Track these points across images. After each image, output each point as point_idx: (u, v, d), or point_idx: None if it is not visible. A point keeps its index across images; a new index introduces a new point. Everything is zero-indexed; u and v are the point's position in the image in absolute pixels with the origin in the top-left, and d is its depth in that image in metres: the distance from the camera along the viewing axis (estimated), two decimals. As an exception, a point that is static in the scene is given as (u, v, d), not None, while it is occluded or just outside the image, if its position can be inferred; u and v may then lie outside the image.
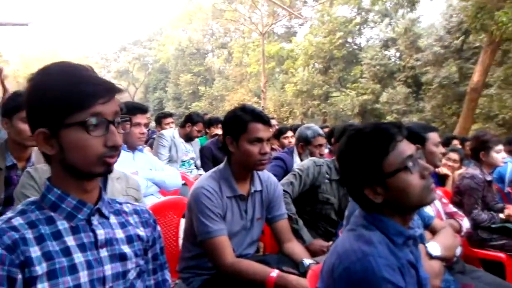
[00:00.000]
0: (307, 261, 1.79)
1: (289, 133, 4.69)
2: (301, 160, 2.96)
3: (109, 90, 0.89)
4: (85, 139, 0.86)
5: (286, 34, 28.69)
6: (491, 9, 10.54)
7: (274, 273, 1.62)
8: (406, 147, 1.14)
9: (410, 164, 1.11)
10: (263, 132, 1.78)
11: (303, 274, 1.65)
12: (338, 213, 2.41)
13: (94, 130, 0.87)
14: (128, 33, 69.22)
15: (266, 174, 2.03)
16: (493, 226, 2.91)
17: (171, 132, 4.34)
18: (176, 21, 35.36)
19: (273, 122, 6.33)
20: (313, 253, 2.06)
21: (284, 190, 2.23)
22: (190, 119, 4.38)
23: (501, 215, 2.98)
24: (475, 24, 11.32)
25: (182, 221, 2.27)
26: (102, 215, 0.96)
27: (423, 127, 2.24)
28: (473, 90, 11.76)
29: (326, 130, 4.18)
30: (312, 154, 2.88)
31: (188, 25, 33.09)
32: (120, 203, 1.06)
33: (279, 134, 4.80)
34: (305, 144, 2.98)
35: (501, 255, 2.80)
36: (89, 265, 0.88)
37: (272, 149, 4.63)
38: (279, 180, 2.39)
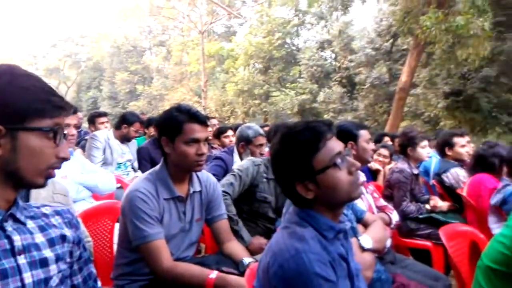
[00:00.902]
0: (247, 260, 1.80)
1: (230, 132, 4.68)
2: (241, 159, 2.96)
3: (70, 105, 0.97)
4: (43, 146, 0.88)
5: (226, 34, 28.69)
6: (416, 14, 11.32)
7: (213, 274, 1.61)
8: (335, 145, 1.18)
9: (338, 161, 1.15)
10: (199, 132, 1.74)
11: (243, 273, 1.64)
12: (275, 211, 2.44)
13: (55, 140, 0.89)
14: (59, 29, 65.04)
15: (205, 175, 2.00)
16: (420, 216, 3.11)
17: (105, 133, 4.13)
18: (110, 17, 33.94)
19: (214, 121, 6.30)
20: (254, 252, 2.07)
21: (224, 191, 2.21)
22: (125, 120, 4.16)
23: (427, 206, 3.20)
24: (402, 28, 12.10)
25: (117, 226, 2.17)
26: (17, 220, 0.91)
27: (355, 125, 2.35)
28: (402, 90, 12.55)
29: (266, 129, 4.22)
30: (252, 154, 2.89)
31: (124, 21, 31.86)
32: (38, 207, 1.01)
33: (219, 133, 4.77)
34: (246, 143, 2.98)
35: (428, 243, 3.00)
36: (4, 274, 0.83)
37: (213, 148, 4.61)
38: (219, 180, 2.38)
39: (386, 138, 5.47)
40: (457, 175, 3.44)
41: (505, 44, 12.46)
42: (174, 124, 1.74)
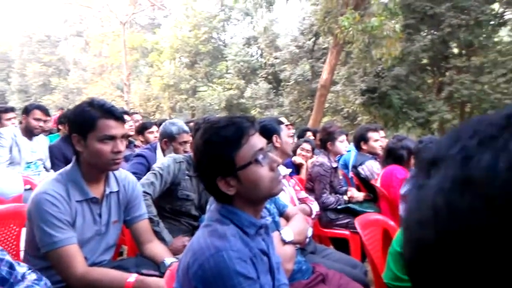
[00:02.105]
0: (168, 260, 1.74)
1: (154, 128, 4.52)
2: (165, 156, 2.86)
3: None
4: None
5: (150, 25, 27.69)
6: (335, 14, 11.90)
7: (132, 278, 1.53)
8: (258, 141, 1.18)
9: (260, 157, 1.16)
10: (115, 129, 1.64)
11: (164, 274, 1.59)
12: (199, 208, 2.40)
13: None
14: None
15: (123, 173, 1.89)
16: (339, 207, 3.29)
17: (11, 129, 3.74)
18: (20, 3, 30.93)
19: (137, 117, 6.04)
20: (176, 252, 2.01)
21: (144, 192, 2.11)
22: (25, 110, 3.76)
23: (345, 197, 3.39)
24: (323, 27, 12.64)
25: (24, 232, 1.98)
26: None
27: (277, 120, 2.40)
28: (323, 87, 13.14)
29: (192, 124, 4.14)
30: (176, 151, 2.80)
31: (36, 8, 29.21)
32: None
33: (143, 129, 4.59)
34: (169, 140, 2.88)
35: (346, 232, 3.18)
36: None
37: (135, 145, 4.41)
38: (141, 178, 2.28)
39: (309, 133, 5.68)
40: (372, 167, 3.68)
41: (413, 45, 13.61)
42: (87, 120, 1.62)
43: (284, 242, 1.66)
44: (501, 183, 0.27)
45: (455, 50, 14.99)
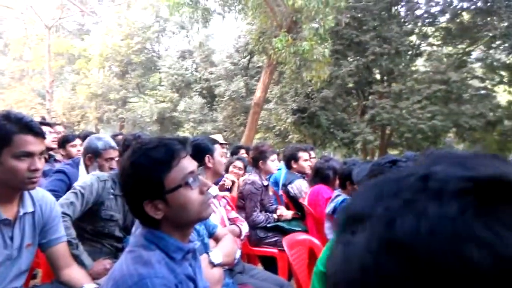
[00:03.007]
0: (88, 286, 1.64)
1: (77, 141, 4.24)
2: (88, 173, 2.69)
3: None
4: None
5: (78, 31, 26.33)
6: (270, 35, 12.30)
7: (46, 308, 1.41)
8: (189, 164, 1.16)
9: (191, 180, 1.14)
10: (33, 145, 1.52)
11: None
12: (123, 229, 2.29)
13: None
14: None
15: (40, 193, 1.75)
16: (268, 225, 3.34)
17: None
18: None
19: (59, 128, 5.64)
20: (97, 276, 1.90)
21: (63, 212, 1.95)
22: None
23: (275, 215, 3.45)
24: (258, 46, 12.98)
25: None
26: None
27: (211, 140, 2.40)
28: (256, 105, 13.41)
29: (120, 137, 3.95)
30: (101, 168, 2.62)
31: None
32: None
33: (64, 142, 4.28)
34: (94, 156, 2.69)
35: (274, 250, 3.23)
36: None
37: (55, 160, 4.11)
38: (61, 196, 2.12)
39: (242, 151, 5.73)
40: (300, 186, 3.81)
41: (341, 70, 14.48)
42: (1, 134, 1.48)
43: (213, 265, 1.65)
44: (424, 247, 0.29)
45: (378, 76, 16.21)
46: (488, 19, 14.54)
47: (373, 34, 14.46)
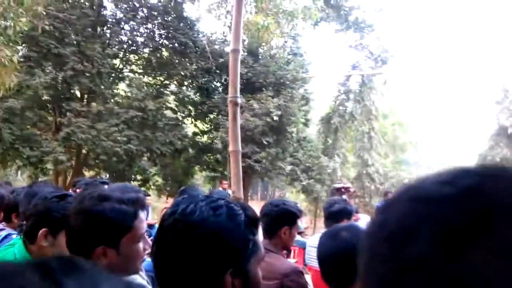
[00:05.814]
0: None
1: None
2: None
3: None
4: None
5: None
6: None
7: None
8: None
9: None
10: None
11: None
12: None
13: None
14: None
15: None
16: None
17: None
18: None
19: None
20: None
21: None
22: None
23: None
24: None
25: None
26: None
27: None
28: None
29: None
30: None
31: None
32: None
33: None
34: None
35: None
36: None
37: None
38: None
39: None
40: None
41: (34, 80, 12.80)
42: None
43: None
44: None
45: (78, 94, 15.41)
46: (182, 59, 16.58)
47: (75, 49, 13.70)
